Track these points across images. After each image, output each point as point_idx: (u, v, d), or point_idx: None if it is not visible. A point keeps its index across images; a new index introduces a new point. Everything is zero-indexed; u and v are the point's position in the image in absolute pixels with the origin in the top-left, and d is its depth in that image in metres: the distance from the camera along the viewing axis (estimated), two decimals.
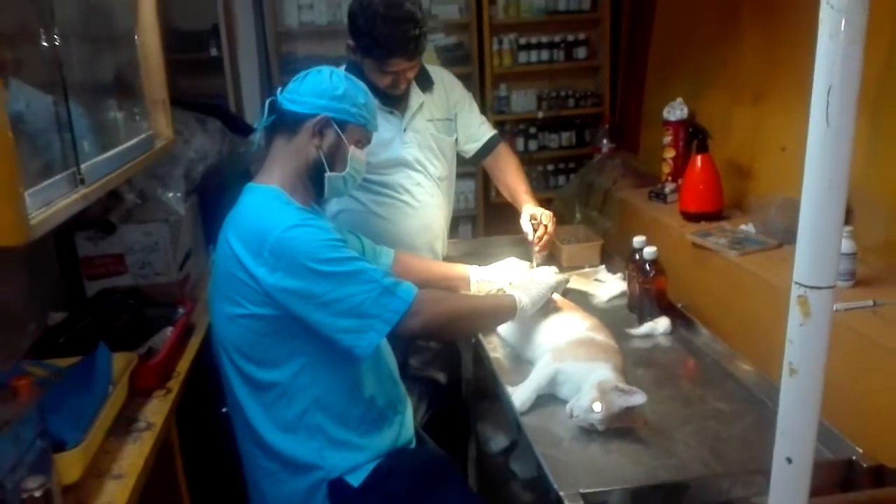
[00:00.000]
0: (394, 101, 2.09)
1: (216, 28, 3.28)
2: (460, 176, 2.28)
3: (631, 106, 3.37)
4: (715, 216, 2.25)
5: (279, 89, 1.61)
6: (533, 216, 2.12)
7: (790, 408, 0.93)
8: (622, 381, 1.49)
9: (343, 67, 2.14)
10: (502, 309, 1.68)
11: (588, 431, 1.45)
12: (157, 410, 1.59)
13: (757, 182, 2.27)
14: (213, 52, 3.32)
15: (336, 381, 1.54)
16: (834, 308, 1.53)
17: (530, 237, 2.12)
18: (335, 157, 1.57)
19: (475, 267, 2.01)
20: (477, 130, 2.28)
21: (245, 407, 1.55)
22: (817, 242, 0.86)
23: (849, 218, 1.84)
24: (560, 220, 2.88)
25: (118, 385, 1.53)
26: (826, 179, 0.82)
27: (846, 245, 1.63)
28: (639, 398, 1.43)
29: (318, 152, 1.55)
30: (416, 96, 2.14)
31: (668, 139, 2.60)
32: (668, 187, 2.54)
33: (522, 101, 3.57)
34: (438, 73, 2.25)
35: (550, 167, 3.72)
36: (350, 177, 1.61)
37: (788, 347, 0.95)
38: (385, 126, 2.03)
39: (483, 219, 3.51)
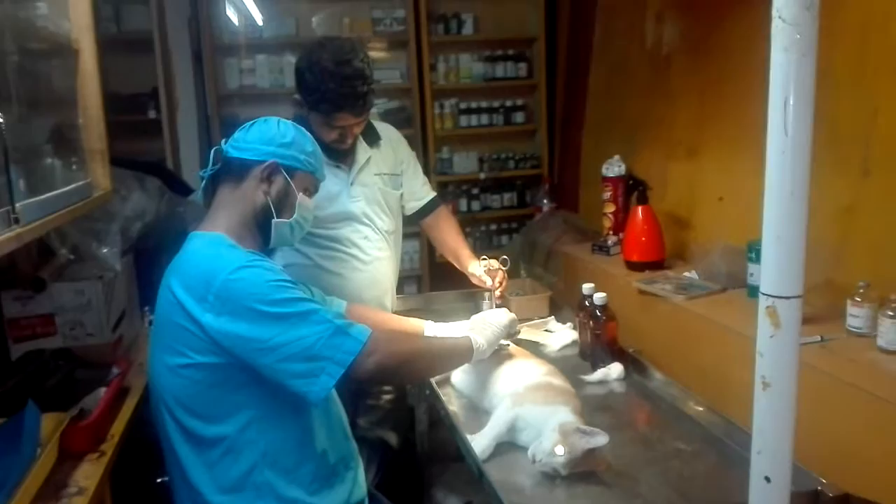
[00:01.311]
0: (340, 155, 2.09)
1: (156, 91, 3.25)
2: (404, 236, 2.29)
3: (569, 166, 3.47)
4: (658, 265, 2.29)
5: (223, 140, 1.59)
6: (489, 265, 2.14)
7: (765, 425, 0.93)
8: (583, 423, 1.46)
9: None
10: (459, 349, 1.65)
11: (551, 477, 1.41)
12: (89, 475, 1.47)
13: (696, 231, 2.34)
14: (152, 114, 3.27)
15: (286, 434, 1.46)
16: None
17: (489, 283, 2.13)
18: (283, 204, 1.54)
19: (430, 322, 1.98)
20: (420, 190, 2.30)
21: (187, 467, 1.45)
22: (782, 252, 0.88)
23: None
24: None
25: (47, 447, 1.41)
26: (787, 189, 0.83)
27: None
28: (601, 439, 1.41)
29: (266, 198, 1.52)
30: (364, 150, 2.15)
31: (607, 194, 2.66)
32: (611, 240, 2.59)
33: (465, 162, 3.64)
34: (385, 130, 2.27)
35: (493, 227, 3.77)
36: (297, 224, 1.58)
37: (759, 362, 0.95)
38: (332, 180, 2.02)
39: (428, 279, 3.49)
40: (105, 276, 2.01)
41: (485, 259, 2.20)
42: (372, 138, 2.18)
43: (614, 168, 2.66)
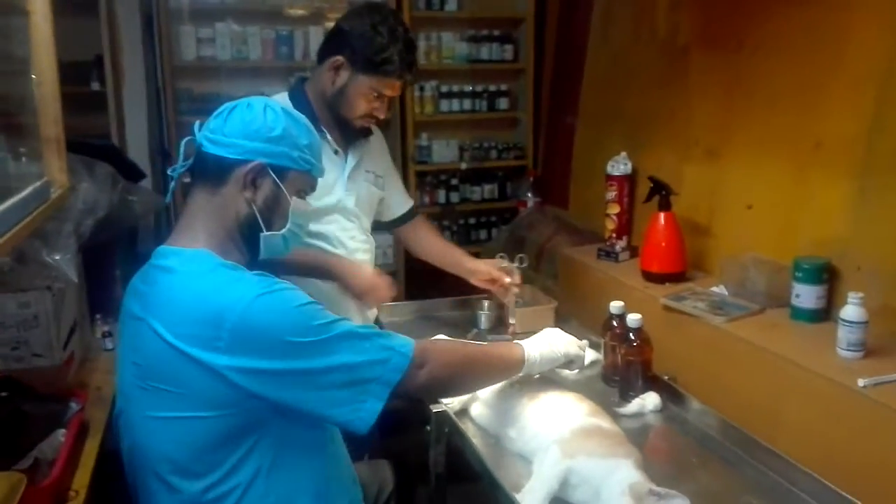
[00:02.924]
0: (350, 137, 1.91)
1: (100, 60, 2.84)
2: (376, 230, 2.10)
3: (557, 159, 3.26)
4: (679, 277, 2.12)
5: (197, 125, 1.29)
6: (504, 266, 2.02)
7: None
8: (648, 480, 1.26)
9: (284, 94, 1.87)
10: (510, 357, 1.46)
11: None
12: None
13: (718, 241, 2.17)
14: (96, 86, 2.86)
15: (297, 485, 1.23)
16: (861, 383, 1.41)
17: (507, 280, 2.03)
18: (273, 213, 1.28)
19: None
20: (401, 196, 2.16)
21: None
22: None
23: (836, 281, 1.76)
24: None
25: None
26: None
27: (858, 313, 1.52)
28: (681, 503, 1.21)
29: (252, 207, 1.25)
30: (355, 148, 1.96)
31: (612, 194, 2.47)
32: (619, 245, 2.40)
33: (444, 151, 3.38)
34: (375, 130, 2.06)
35: (472, 220, 3.54)
36: (292, 234, 1.32)
37: None
38: (329, 167, 1.76)
39: (404, 274, 3.23)
40: (54, 287, 1.68)
41: (501, 256, 2.05)
42: (356, 137, 1.97)
43: (620, 166, 2.48)
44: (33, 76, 1.32)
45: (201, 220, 1.25)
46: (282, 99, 1.83)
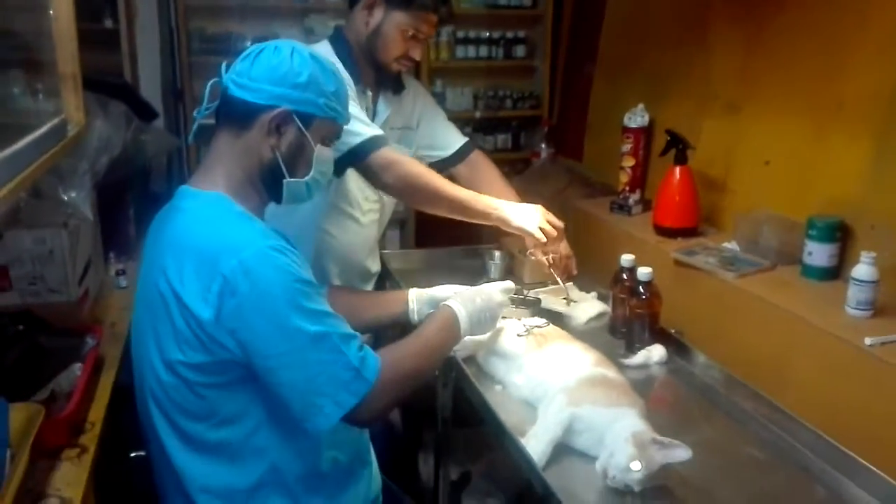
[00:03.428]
0: (384, 85, 1.88)
1: None
2: None
3: (573, 110, 3.21)
4: (692, 232, 2.11)
5: (224, 66, 1.27)
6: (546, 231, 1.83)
7: None
8: (651, 428, 1.28)
9: (326, 42, 1.84)
10: (447, 331, 1.41)
11: (620, 492, 1.23)
12: (71, 479, 1.22)
13: (734, 197, 2.15)
14: (108, 23, 2.83)
15: (298, 438, 1.25)
16: (868, 342, 1.41)
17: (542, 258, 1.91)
18: (296, 160, 1.27)
19: (415, 290, 1.69)
20: (444, 137, 2.06)
21: (184, 475, 1.24)
22: None
23: (849, 240, 1.75)
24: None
25: (20, 450, 1.15)
26: None
27: (869, 272, 1.52)
28: (682, 453, 1.24)
29: (275, 153, 1.24)
30: (386, 102, 1.92)
31: (627, 147, 2.44)
32: (632, 198, 2.39)
33: (459, 99, 3.34)
34: (410, 80, 2.02)
35: None
36: (314, 182, 1.32)
37: None
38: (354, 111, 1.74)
39: (414, 224, 3.23)
40: (70, 223, 1.69)
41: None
42: (398, 86, 1.94)
43: (637, 118, 2.44)
44: (51, 12, 1.29)
45: (223, 163, 1.25)
46: (323, 47, 1.80)
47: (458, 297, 1.46)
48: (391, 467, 1.78)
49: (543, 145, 3.22)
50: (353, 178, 1.89)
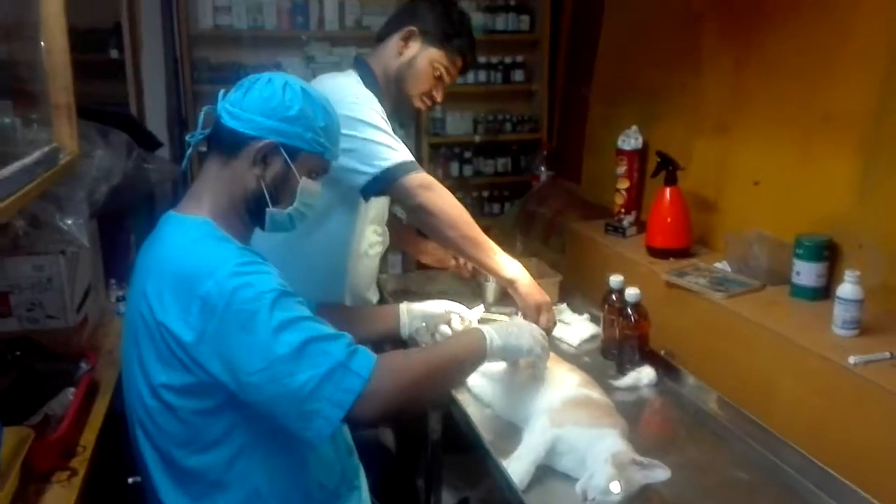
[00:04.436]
0: (402, 118, 1.96)
1: (118, 27, 2.88)
2: None
3: (572, 132, 3.24)
4: (684, 253, 2.12)
5: (221, 94, 1.31)
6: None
7: None
8: (633, 450, 1.29)
9: (352, 72, 1.89)
10: (471, 354, 1.38)
11: None
12: (60, 501, 1.24)
13: (725, 217, 2.16)
14: (114, 53, 2.90)
15: (281, 462, 1.27)
16: (851, 361, 1.41)
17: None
18: (280, 191, 1.30)
19: (406, 304, 1.76)
20: None
21: (166, 501, 1.25)
22: None
23: (837, 259, 1.75)
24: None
25: (10, 472, 1.18)
26: None
27: (854, 291, 1.52)
28: (662, 473, 1.25)
29: (260, 183, 1.27)
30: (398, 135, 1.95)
31: (622, 169, 2.46)
32: (627, 220, 2.40)
33: (458, 123, 3.37)
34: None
35: (486, 193, 3.54)
36: (297, 213, 1.34)
37: None
38: None
39: None
40: (68, 251, 1.73)
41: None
42: (407, 121, 2.05)
43: (631, 140, 2.46)
44: (42, 44, 1.34)
45: (209, 189, 1.28)
46: (350, 76, 1.85)
47: (493, 327, 1.45)
48: (387, 493, 1.79)
49: (543, 168, 3.24)
50: (368, 210, 1.92)
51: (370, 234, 1.98)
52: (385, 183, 1.70)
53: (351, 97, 1.74)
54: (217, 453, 1.22)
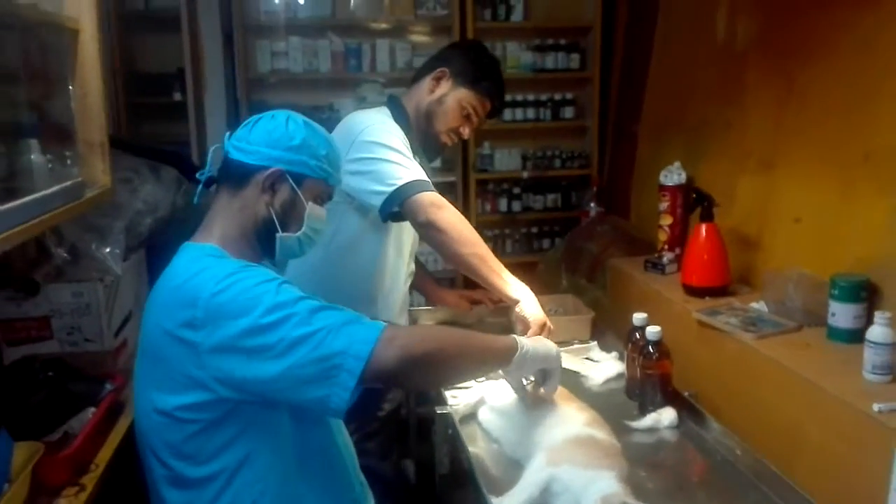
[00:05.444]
0: (429, 154, 2.02)
1: (182, 72, 3.07)
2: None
3: (621, 168, 3.20)
4: (721, 291, 2.03)
5: (227, 135, 1.39)
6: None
7: None
8: (629, 493, 1.24)
9: (384, 108, 1.99)
10: (498, 345, 1.39)
11: None
12: None
13: (766, 254, 2.06)
14: (178, 96, 3.09)
15: (285, 476, 1.29)
16: (875, 409, 1.32)
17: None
18: (289, 216, 1.35)
19: None
20: None
21: None
22: None
23: (876, 299, 1.64)
24: (545, 286, 2.67)
25: (16, 482, 1.24)
26: None
27: (884, 334, 1.42)
28: None
29: (269, 210, 1.32)
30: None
31: (664, 205, 2.40)
32: (667, 257, 2.33)
33: (507, 159, 3.38)
34: None
35: (535, 229, 3.51)
36: (306, 237, 1.38)
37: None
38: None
39: (463, 280, 3.25)
40: (106, 279, 1.84)
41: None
42: (433, 156, 2.07)
43: (674, 176, 2.40)
44: (74, 88, 1.45)
45: (220, 219, 1.35)
46: (382, 112, 1.96)
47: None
48: None
49: (593, 204, 3.20)
50: (400, 242, 1.98)
51: (402, 266, 2.02)
52: (397, 201, 1.74)
53: (373, 124, 1.84)
54: (221, 462, 1.24)
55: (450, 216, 1.74)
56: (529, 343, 1.43)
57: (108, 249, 1.80)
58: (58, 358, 1.74)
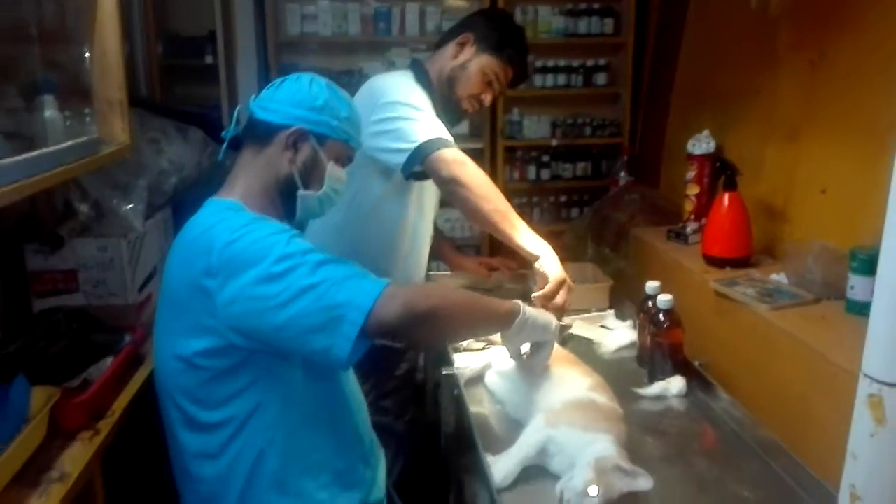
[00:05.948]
0: (450, 119, 1.98)
1: (213, 35, 3.10)
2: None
3: (652, 137, 3.13)
4: (742, 262, 1.99)
5: (252, 97, 1.42)
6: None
7: None
8: (625, 457, 1.24)
9: (408, 71, 2.00)
10: (501, 307, 1.40)
11: None
12: (76, 458, 1.36)
13: (791, 226, 2.01)
14: (209, 59, 3.13)
15: (298, 423, 1.33)
16: None
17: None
18: (310, 174, 1.38)
19: None
20: None
21: (188, 455, 1.34)
22: None
23: None
24: (571, 255, 2.66)
25: (33, 423, 1.31)
26: None
27: None
28: (643, 482, 1.19)
29: (291, 167, 1.35)
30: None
31: (691, 174, 2.35)
32: (690, 227, 2.29)
33: (536, 127, 3.34)
34: None
35: (563, 198, 3.47)
36: (326, 197, 1.41)
37: (850, 464, 0.70)
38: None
39: (489, 247, 3.25)
40: (129, 235, 1.89)
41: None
42: (455, 120, 2.04)
43: (702, 145, 2.35)
44: (93, 46, 1.49)
45: (243, 176, 1.38)
46: (405, 75, 1.97)
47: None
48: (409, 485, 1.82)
49: (623, 173, 3.15)
50: (422, 206, 2.00)
51: (424, 231, 2.03)
52: (420, 158, 1.74)
53: (395, 85, 1.86)
54: (234, 407, 1.29)
55: (472, 171, 1.74)
56: (531, 311, 1.43)
57: (130, 206, 1.85)
58: (81, 309, 1.80)
